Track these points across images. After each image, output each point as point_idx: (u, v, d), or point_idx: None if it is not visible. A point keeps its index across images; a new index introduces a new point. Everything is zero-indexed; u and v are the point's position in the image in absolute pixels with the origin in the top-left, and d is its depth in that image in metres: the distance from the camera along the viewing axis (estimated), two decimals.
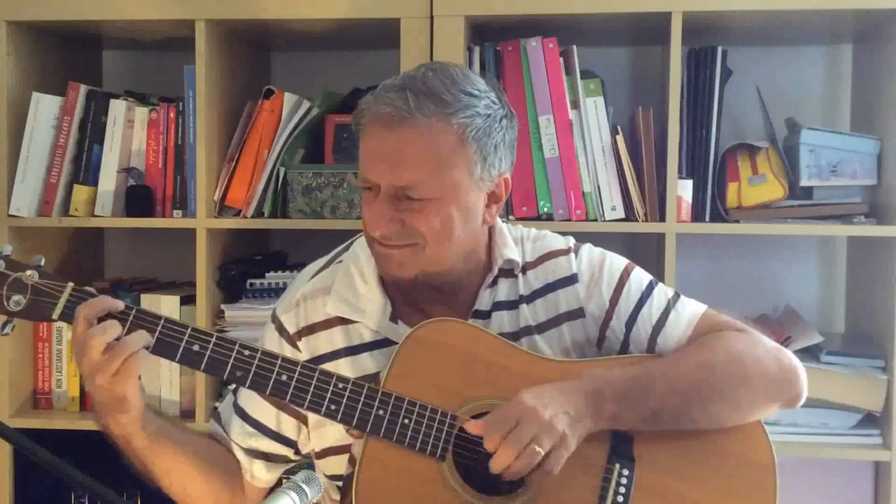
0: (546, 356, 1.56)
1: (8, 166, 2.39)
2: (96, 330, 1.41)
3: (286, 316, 1.62)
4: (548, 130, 2.28)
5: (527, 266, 1.62)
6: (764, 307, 2.57)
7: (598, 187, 2.30)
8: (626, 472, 1.50)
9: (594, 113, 2.30)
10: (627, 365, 1.54)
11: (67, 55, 2.61)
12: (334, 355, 1.58)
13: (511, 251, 1.61)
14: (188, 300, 2.42)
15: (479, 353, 1.51)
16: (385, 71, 2.43)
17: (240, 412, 1.64)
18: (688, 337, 1.59)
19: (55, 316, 1.46)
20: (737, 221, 2.33)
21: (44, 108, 2.41)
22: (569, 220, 2.29)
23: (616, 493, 1.49)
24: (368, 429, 1.47)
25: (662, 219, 2.28)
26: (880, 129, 2.35)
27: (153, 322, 1.46)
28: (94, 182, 2.43)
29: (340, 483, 1.58)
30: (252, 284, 2.41)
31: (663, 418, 1.50)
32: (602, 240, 1.77)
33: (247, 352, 1.47)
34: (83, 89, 2.44)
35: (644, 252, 2.45)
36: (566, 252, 1.63)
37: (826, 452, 2.29)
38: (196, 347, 1.46)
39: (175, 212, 2.41)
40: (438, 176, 1.47)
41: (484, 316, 1.59)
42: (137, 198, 2.42)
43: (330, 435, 1.58)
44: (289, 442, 1.64)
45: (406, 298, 1.60)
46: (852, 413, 2.28)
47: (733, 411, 1.54)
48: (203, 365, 1.47)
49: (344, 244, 1.70)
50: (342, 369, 1.54)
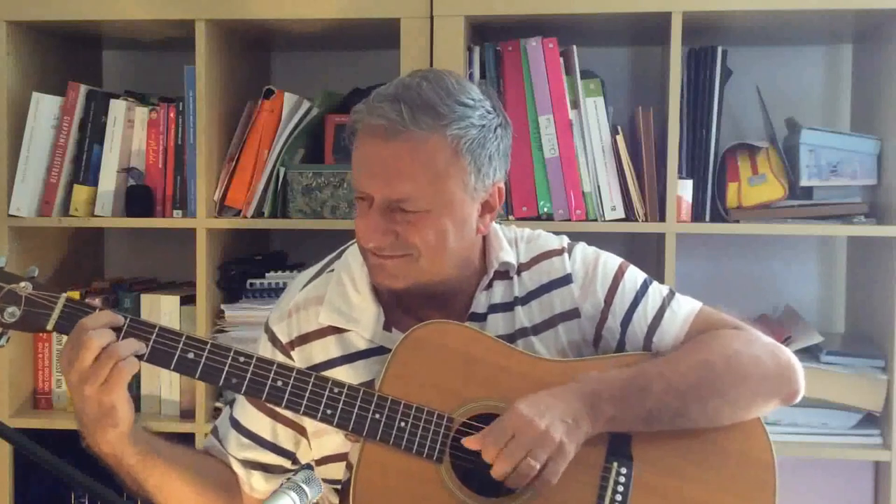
0: (543, 357, 1.56)
1: (8, 166, 2.39)
2: (93, 334, 1.40)
3: (279, 326, 1.62)
4: (548, 130, 2.28)
5: (521, 267, 1.62)
6: (764, 307, 2.57)
7: (598, 187, 2.30)
8: (625, 471, 1.50)
9: (594, 113, 2.30)
10: (624, 365, 1.54)
11: (67, 55, 2.62)
12: (330, 364, 1.57)
13: (506, 253, 1.61)
14: (188, 300, 2.42)
15: (477, 355, 1.51)
16: (385, 71, 2.44)
17: (235, 424, 1.64)
18: (684, 334, 1.59)
19: (50, 327, 1.45)
20: (737, 221, 2.33)
21: (44, 108, 2.41)
22: (569, 220, 2.29)
23: (614, 493, 1.49)
24: (365, 433, 1.46)
25: (662, 219, 2.28)
26: (880, 129, 2.35)
27: (147, 331, 1.45)
28: (94, 182, 2.43)
29: (339, 486, 1.58)
30: (252, 284, 2.41)
31: (661, 419, 1.50)
32: (602, 240, 1.77)
33: (242, 358, 1.47)
34: (83, 89, 2.44)
35: (644, 252, 2.45)
36: (560, 252, 1.63)
37: (826, 452, 2.29)
38: (191, 355, 1.46)
39: (175, 212, 2.41)
40: (433, 188, 1.47)
41: (480, 319, 1.59)
42: (137, 198, 2.42)
43: (329, 443, 1.58)
44: (285, 453, 1.63)
45: (401, 304, 1.59)
46: (852, 413, 2.28)
47: (731, 409, 1.53)
48: (198, 373, 1.46)
49: (335, 252, 1.69)
50: (339, 377, 1.53)
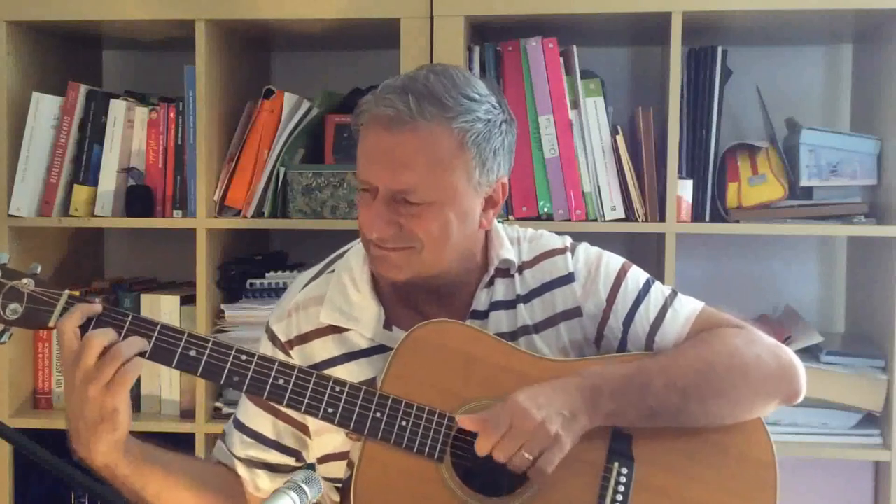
0: (544, 356, 1.56)
1: (8, 166, 2.39)
2: (94, 333, 1.40)
3: (278, 325, 1.62)
4: (548, 130, 2.29)
5: (523, 266, 1.62)
6: (764, 307, 2.57)
7: (598, 187, 2.30)
8: (626, 471, 1.50)
9: (594, 113, 2.30)
10: (626, 363, 1.54)
11: (67, 55, 2.62)
12: (331, 362, 1.57)
13: (507, 251, 1.61)
14: (188, 300, 2.42)
15: (478, 354, 1.51)
16: (385, 71, 2.43)
17: (238, 425, 1.64)
18: (686, 334, 1.59)
19: (52, 324, 1.45)
20: (737, 221, 2.33)
21: (44, 108, 2.41)
22: (569, 220, 2.29)
23: (615, 493, 1.49)
24: (366, 431, 1.46)
25: (662, 219, 2.28)
26: (880, 129, 2.35)
27: (149, 328, 1.45)
28: (94, 182, 2.43)
29: (340, 485, 1.58)
30: (252, 284, 2.42)
31: (662, 415, 1.50)
32: (602, 240, 1.76)
33: (244, 356, 1.47)
34: (83, 89, 2.44)
35: (644, 252, 2.45)
36: (563, 251, 1.63)
37: (826, 452, 2.29)
38: (193, 353, 1.46)
39: (175, 212, 2.41)
40: (437, 180, 1.47)
41: (481, 316, 1.59)
42: (137, 198, 2.42)
43: (330, 442, 1.58)
44: (289, 451, 1.63)
45: (402, 300, 1.59)
46: (852, 413, 2.28)
47: (732, 408, 1.53)
48: (200, 370, 1.46)
49: (336, 253, 1.69)
50: (339, 375, 1.53)
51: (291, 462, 1.64)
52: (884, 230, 2.27)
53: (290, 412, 1.58)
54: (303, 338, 1.60)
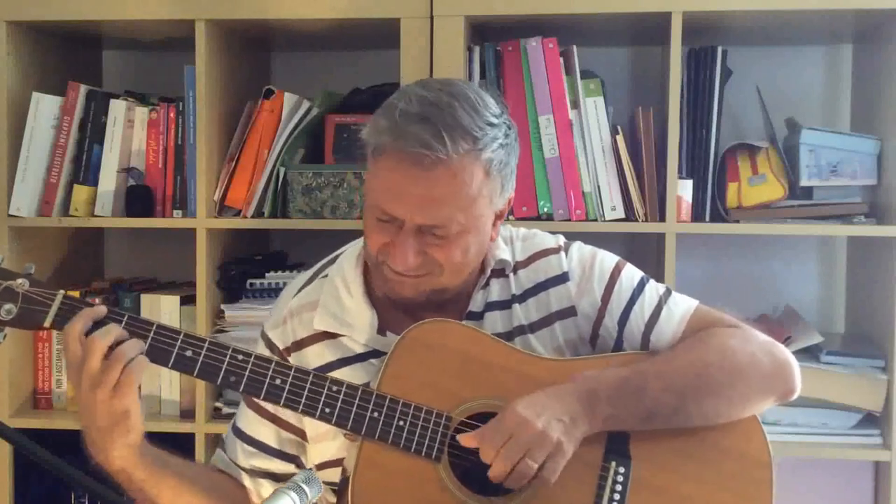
0: (540, 355, 1.56)
1: (8, 166, 2.39)
2: (95, 335, 1.40)
3: (274, 332, 1.62)
4: (548, 130, 2.28)
5: (518, 265, 1.62)
6: (764, 307, 2.57)
7: (598, 187, 2.30)
8: (623, 470, 1.50)
9: (594, 113, 2.30)
10: (622, 363, 1.54)
11: (67, 55, 2.62)
12: (326, 368, 1.57)
13: (502, 252, 1.61)
14: (188, 300, 2.42)
15: (475, 353, 1.51)
16: (385, 71, 2.45)
17: (238, 433, 1.64)
18: (681, 333, 1.59)
19: (47, 324, 1.44)
20: (737, 221, 2.33)
21: (44, 108, 2.41)
22: (569, 220, 2.29)
23: (613, 491, 1.49)
24: (363, 431, 1.46)
25: (662, 219, 2.28)
26: (880, 129, 2.35)
27: (145, 328, 1.45)
28: (94, 182, 2.43)
29: (336, 487, 1.58)
30: (252, 284, 2.42)
31: (659, 417, 1.50)
32: (602, 240, 1.76)
33: (240, 356, 1.47)
34: (83, 89, 2.44)
35: (644, 252, 2.45)
36: (556, 251, 1.63)
37: (826, 452, 2.29)
38: (189, 353, 1.45)
39: (175, 212, 2.41)
40: (467, 213, 1.47)
41: (477, 317, 1.59)
42: (137, 198, 2.42)
43: (327, 450, 1.58)
44: (291, 458, 1.63)
45: (397, 305, 1.58)
46: (852, 413, 2.28)
47: (728, 407, 1.53)
48: (196, 370, 1.46)
49: (328, 258, 1.68)
50: None
51: (292, 469, 1.64)
52: (884, 230, 2.26)
53: (288, 417, 1.58)
54: (299, 344, 1.60)
